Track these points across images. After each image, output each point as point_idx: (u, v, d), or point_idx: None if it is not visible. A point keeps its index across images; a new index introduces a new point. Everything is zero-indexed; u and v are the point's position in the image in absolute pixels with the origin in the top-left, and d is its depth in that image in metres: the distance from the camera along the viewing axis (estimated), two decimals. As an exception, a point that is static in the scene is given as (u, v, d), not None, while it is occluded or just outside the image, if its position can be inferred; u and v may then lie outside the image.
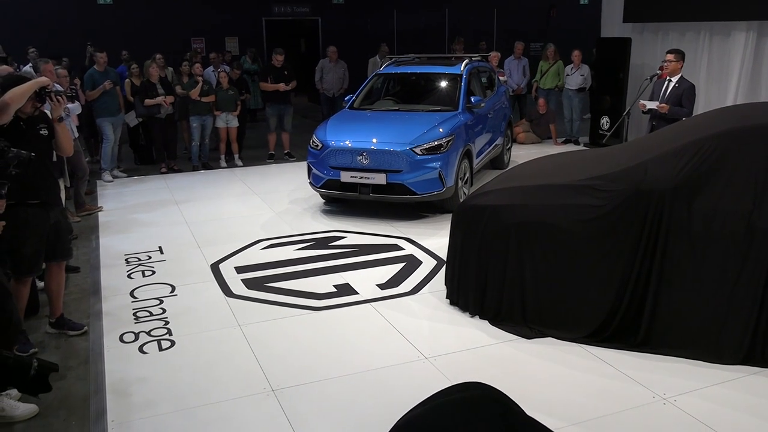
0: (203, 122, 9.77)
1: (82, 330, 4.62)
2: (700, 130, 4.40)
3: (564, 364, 4.04)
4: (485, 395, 0.70)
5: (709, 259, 3.99)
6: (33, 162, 3.82)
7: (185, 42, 15.50)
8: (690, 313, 4.04)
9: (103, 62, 9.15)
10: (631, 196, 4.15)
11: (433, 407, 0.70)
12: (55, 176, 4.46)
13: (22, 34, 13.40)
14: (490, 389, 0.72)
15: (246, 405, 3.67)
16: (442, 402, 0.69)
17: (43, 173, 4.26)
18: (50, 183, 4.36)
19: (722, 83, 9.16)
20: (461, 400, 0.70)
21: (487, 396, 0.69)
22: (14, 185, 4.03)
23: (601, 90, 10.85)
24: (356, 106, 8.18)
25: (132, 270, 5.80)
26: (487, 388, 0.72)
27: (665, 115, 6.56)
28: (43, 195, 4.25)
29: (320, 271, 5.67)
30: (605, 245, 4.21)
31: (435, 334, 4.54)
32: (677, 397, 3.63)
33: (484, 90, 8.71)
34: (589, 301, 4.26)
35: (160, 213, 7.64)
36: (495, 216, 4.56)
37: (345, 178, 6.97)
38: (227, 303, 5.07)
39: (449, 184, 6.92)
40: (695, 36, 9.48)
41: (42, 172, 4.22)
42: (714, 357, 3.96)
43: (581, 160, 5.12)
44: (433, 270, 5.63)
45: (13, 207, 4.05)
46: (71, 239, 6.55)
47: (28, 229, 4.14)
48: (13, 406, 3.60)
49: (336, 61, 12.04)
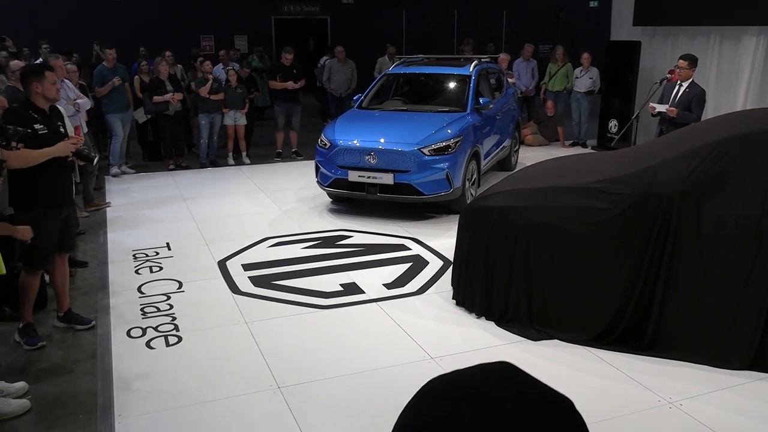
0: (212, 120, 9.80)
1: (89, 324, 4.65)
2: (709, 134, 4.39)
3: (570, 367, 4.04)
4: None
5: (717, 263, 3.98)
6: (29, 138, 3.89)
7: (195, 40, 15.56)
8: (697, 317, 4.03)
9: (112, 59, 9.19)
10: (639, 200, 4.14)
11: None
12: (70, 173, 4.51)
13: (34, 29, 13.48)
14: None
15: (252, 401, 3.69)
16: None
17: (61, 174, 4.33)
18: (67, 182, 4.44)
19: (732, 88, 9.13)
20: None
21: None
22: (38, 191, 4.12)
23: (610, 93, 10.83)
24: (365, 105, 8.18)
25: (139, 266, 5.82)
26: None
27: (674, 119, 6.54)
28: (59, 197, 4.31)
29: (327, 270, 5.68)
30: (613, 248, 4.20)
31: (441, 334, 4.54)
32: (683, 402, 3.62)
33: (492, 91, 8.70)
34: (596, 304, 4.26)
35: (168, 209, 7.67)
36: (502, 217, 4.56)
37: (353, 178, 6.98)
38: (234, 300, 5.08)
39: (457, 185, 6.92)
40: (705, 40, 9.44)
41: (60, 173, 4.29)
42: (721, 362, 3.95)
43: (589, 162, 5.12)
44: (440, 270, 5.64)
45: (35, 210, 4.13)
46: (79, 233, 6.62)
47: (43, 224, 4.19)
48: (5, 403, 3.59)
49: (344, 61, 12.06)
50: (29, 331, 4.37)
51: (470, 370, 0.73)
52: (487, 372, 0.72)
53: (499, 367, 0.73)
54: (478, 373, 0.72)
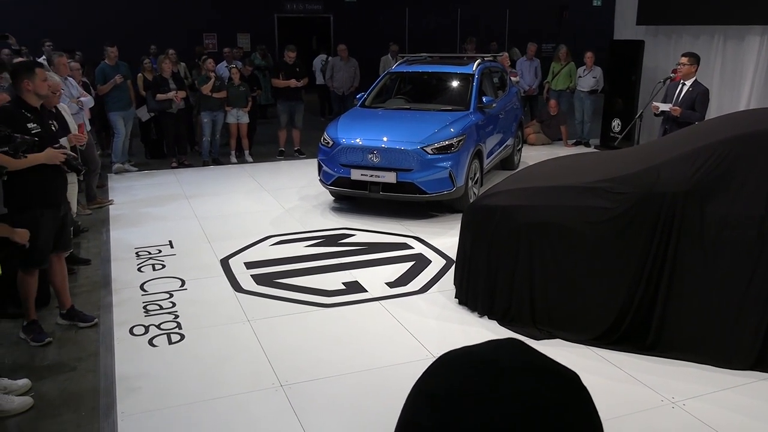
0: (214, 118, 9.80)
1: (92, 322, 4.65)
2: (713, 134, 4.38)
3: (572, 366, 3.96)
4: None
5: (720, 263, 3.98)
6: (36, 147, 3.88)
7: (197, 38, 15.55)
8: (700, 317, 4.03)
9: (114, 56, 9.19)
10: (642, 199, 4.14)
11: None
12: (64, 172, 4.49)
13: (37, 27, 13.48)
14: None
15: (254, 400, 3.69)
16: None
17: (56, 174, 4.31)
18: (61, 181, 4.42)
19: (735, 88, 9.10)
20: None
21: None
22: (34, 191, 4.11)
23: (613, 92, 10.81)
24: (368, 104, 8.18)
25: (142, 263, 5.83)
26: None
27: (677, 119, 6.53)
28: (55, 196, 4.30)
29: (329, 269, 5.68)
30: (616, 248, 4.20)
31: (443, 333, 4.54)
32: (686, 401, 3.62)
33: (495, 90, 8.69)
34: (599, 304, 4.25)
35: (171, 207, 7.68)
36: (505, 216, 4.55)
37: (355, 176, 6.97)
38: (236, 298, 5.09)
39: (459, 184, 6.91)
40: (709, 39, 9.42)
41: (55, 173, 4.27)
42: (723, 362, 3.94)
43: (592, 162, 5.11)
44: (442, 269, 5.64)
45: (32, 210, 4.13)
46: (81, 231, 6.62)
47: (40, 224, 4.19)
48: (8, 400, 3.60)
49: (347, 59, 12.04)
50: (34, 327, 4.38)
51: (481, 345, 0.77)
52: (498, 346, 0.76)
53: (508, 342, 0.77)
54: (489, 347, 0.76)
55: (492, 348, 0.76)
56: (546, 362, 0.75)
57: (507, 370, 0.72)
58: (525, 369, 0.73)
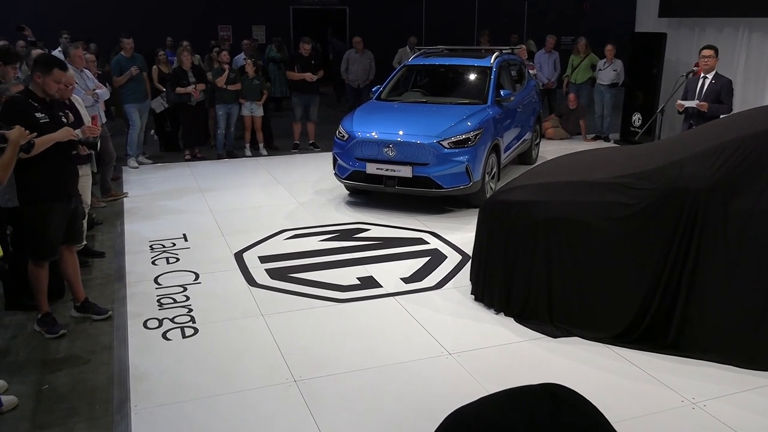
0: (229, 110, 9.79)
1: (106, 315, 4.65)
2: (738, 128, 4.27)
3: (590, 365, 3.96)
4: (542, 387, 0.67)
5: (744, 260, 3.88)
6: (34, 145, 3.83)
7: (212, 29, 15.54)
8: (722, 316, 3.93)
9: (130, 48, 9.18)
10: (664, 195, 4.04)
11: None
12: (74, 163, 4.48)
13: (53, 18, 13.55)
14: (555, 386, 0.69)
15: (268, 395, 3.66)
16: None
17: (67, 165, 4.30)
18: (72, 173, 4.40)
19: (760, 81, 8.91)
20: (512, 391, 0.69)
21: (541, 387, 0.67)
22: (45, 184, 4.09)
23: (634, 86, 10.64)
24: (383, 97, 8.11)
25: (156, 257, 5.82)
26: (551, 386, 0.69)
27: (704, 114, 6.38)
28: (65, 188, 4.29)
29: (344, 263, 5.64)
30: (636, 244, 4.11)
31: (459, 329, 4.48)
32: (707, 402, 3.54)
33: (513, 84, 8.57)
34: (618, 301, 4.16)
35: (185, 200, 7.67)
36: (523, 212, 4.48)
37: (371, 170, 6.92)
38: (251, 292, 5.06)
39: (476, 179, 6.83)
40: (733, 32, 9.22)
41: (64, 164, 4.25)
42: (746, 362, 3.85)
43: (613, 157, 5.01)
44: (458, 265, 5.57)
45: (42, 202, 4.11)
46: (96, 223, 6.63)
47: (52, 216, 4.18)
48: None
49: (362, 52, 11.96)
50: (48, 320, 4.38)
51: (498, 398, 0.67)
52: (517, 404, 0.65)
53: (535, 394, 0.66)
54: (505, 405, 0.65)
55: (508, 406, 0.65)
56: (566, 418, 0.65)
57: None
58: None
